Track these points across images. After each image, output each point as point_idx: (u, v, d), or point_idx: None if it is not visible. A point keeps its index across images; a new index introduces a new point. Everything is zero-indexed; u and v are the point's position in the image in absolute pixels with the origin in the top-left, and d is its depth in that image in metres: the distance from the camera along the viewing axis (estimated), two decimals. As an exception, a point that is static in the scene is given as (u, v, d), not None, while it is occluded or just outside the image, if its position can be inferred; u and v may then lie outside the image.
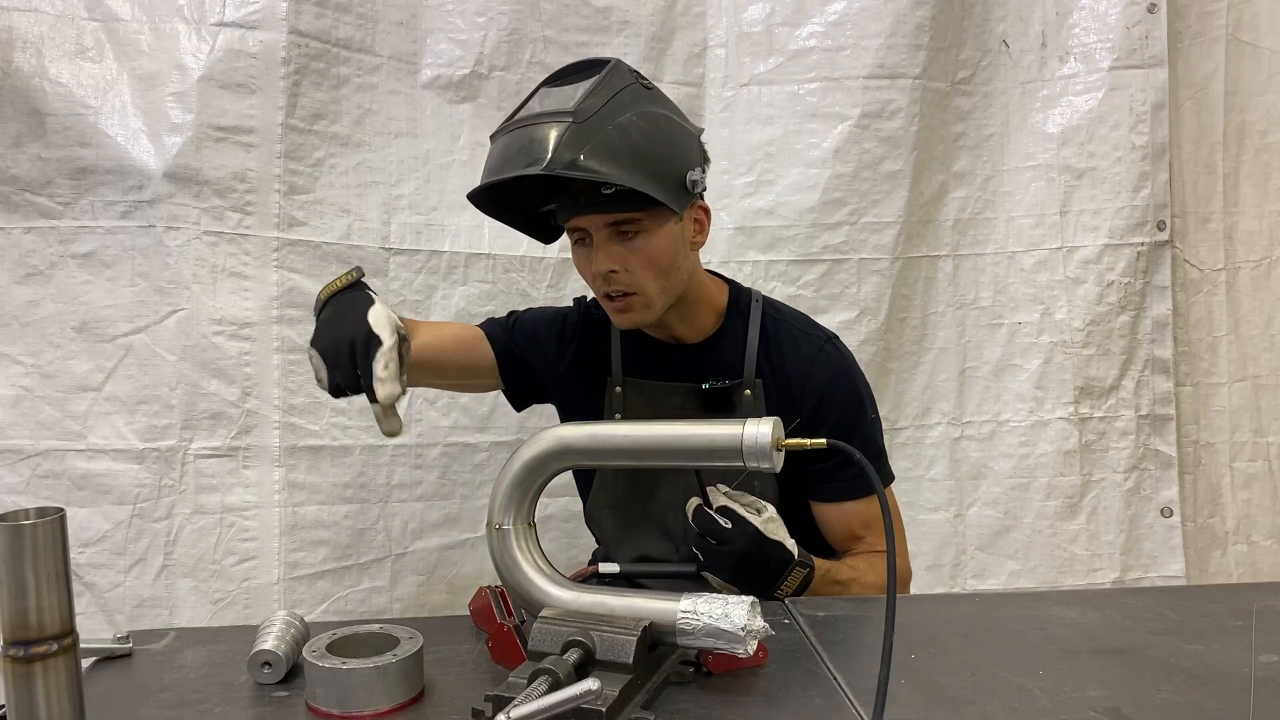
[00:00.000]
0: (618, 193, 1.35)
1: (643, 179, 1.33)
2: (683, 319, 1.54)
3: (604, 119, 1.32)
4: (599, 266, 1.41)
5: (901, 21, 2.13)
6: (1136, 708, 0.97)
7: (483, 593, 1.21)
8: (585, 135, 1.30)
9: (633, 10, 2.14)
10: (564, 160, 1.28)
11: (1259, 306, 2.28)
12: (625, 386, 1.58)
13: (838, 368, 1.54)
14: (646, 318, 1.46)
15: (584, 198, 1.39)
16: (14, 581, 0.78)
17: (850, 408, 1.53)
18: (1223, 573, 2.29)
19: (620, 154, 1.32)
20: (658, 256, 1.41)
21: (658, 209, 1.38)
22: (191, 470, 1.89)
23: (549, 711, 0.85)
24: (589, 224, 1.41)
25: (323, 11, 1.95)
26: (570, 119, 1.30)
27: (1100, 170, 2.19)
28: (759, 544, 1.28)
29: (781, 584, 1.31)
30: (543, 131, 1.31)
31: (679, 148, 1.41)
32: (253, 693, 1.06)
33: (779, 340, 1.54)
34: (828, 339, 1.56)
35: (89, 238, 1.86)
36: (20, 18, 1.81)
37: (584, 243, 1.44)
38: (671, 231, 1.43)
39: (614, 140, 1.32)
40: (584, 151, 1.29)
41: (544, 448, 1.11)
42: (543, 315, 1.69)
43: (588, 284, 1.51)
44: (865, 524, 1.51)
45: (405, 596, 2.08)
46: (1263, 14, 2.22)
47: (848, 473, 1.48)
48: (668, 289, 1.45)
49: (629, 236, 1.40)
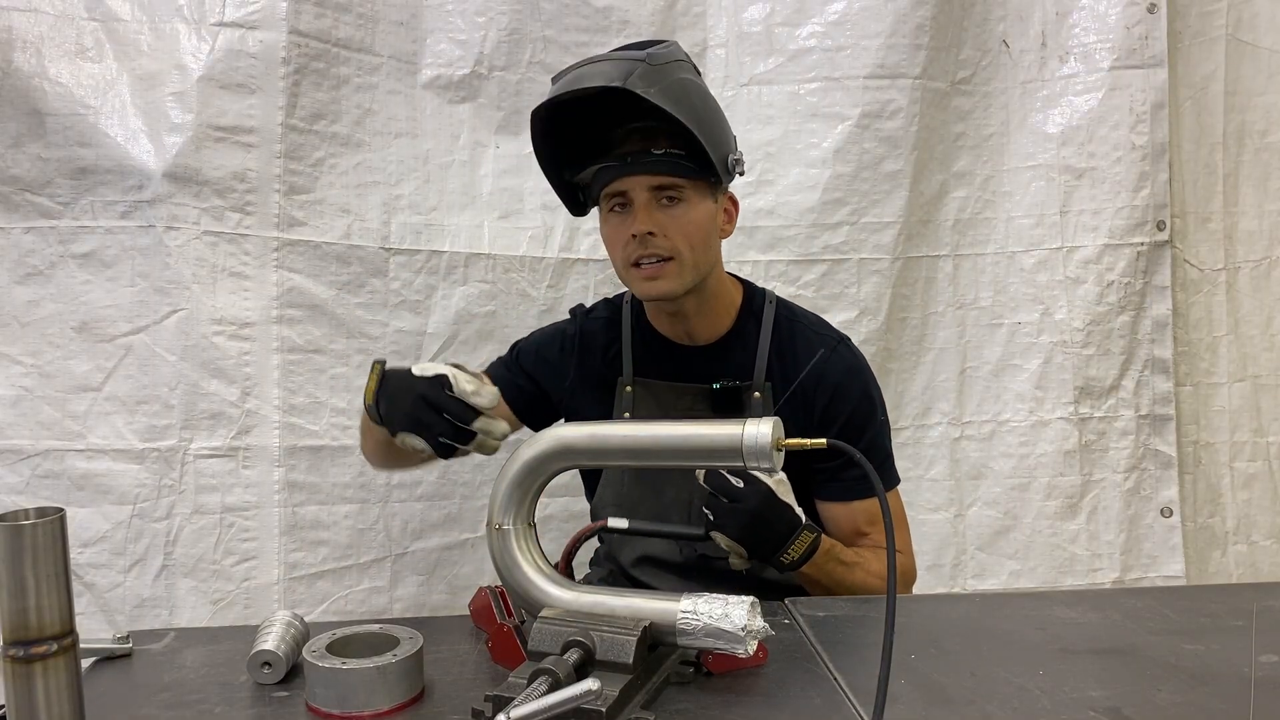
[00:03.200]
0: (667, 155, 1.39)
1: (703, 134, 1.37)
2: (700, 310, 1.54)
3: (670, 72, 1.37)
4: (640, 226, 1.42)
5: (901, 21, 2.13)
6: (1136, 708, 0.97)
7: (483, 593, 1.21)
8: (655, 75, 1.34)
9: (633, 10, 2.14)
10: (639, 87, 1.32)
11: (1259, 306, 2.28)
12: (635, 386, 1.59)
13: (849, 368, 1.54)
14: (675, 288, 1.46)
15: (632, 158, 1.42)
16: (14, 581, 0.78)
17: (861, 408, 1.53)
18: (1223, 573, 2.29)
19: (684, 105, 1.36)
20: (695, 228, 1.45)
21: (699, 181, 1.43)
22: (191, 470, 1.89)
23: (549, 711, 0.85)
24: (633, 185, 1.43)
25: (323, 11, 1.95)
26: (644, 58, 1.34)
27: (1100, 170, 2.19)
28: (770, 503, 1.28)
29: (788, 548, 1.30)
30: (615, 64, 1.35)
31: (725, 128, 1.47)
32: (253, 693, 1.06)
33: (792, 342, 1.55)
34: (840, 340, 1.57)
35: (89, 238, 1.86)
36: (20, 18, 1.82)
37: (621, 209, 1.46)
38: (709, 208, 1.47)
39: (679, 92, 1.36)
40: (655, 90, 1.33)
41: (544, 448, 1.11)
42: (543, 336, 1.70)
43: (614, 257, 1.51)
44: (871, 521, 1.51)
45: (405, 596, 2.08)
46: (1263, 14, 2.22)
47: (854, 472, 1.49)
48: (699, 264, 1.47)
49: (670, 204, 1.43)
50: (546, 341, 1.68)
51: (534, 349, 1.67)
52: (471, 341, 2.11)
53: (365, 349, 2.02)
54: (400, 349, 2.05)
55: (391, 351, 2.04)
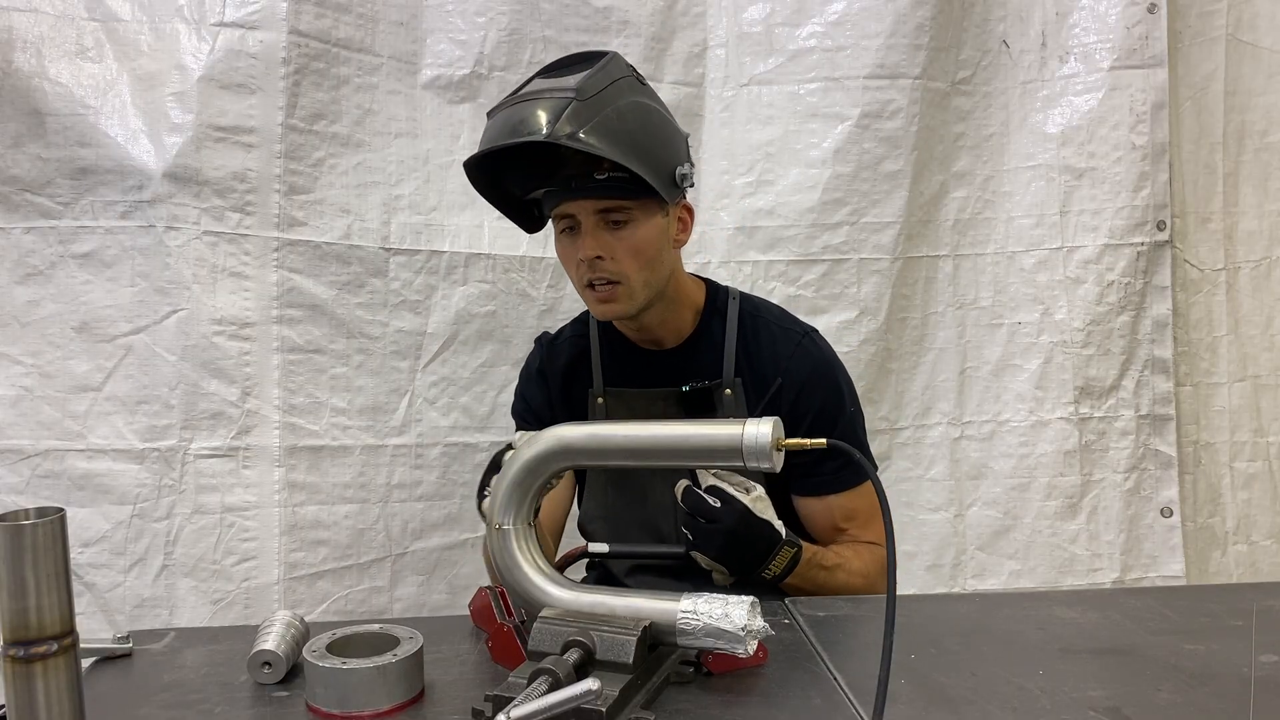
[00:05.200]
0: (610, 179, 1.37)
1: (638, 164, 1.35)
2: (662, 319, 1.54)
3: (604, 101, 1.34)
4: (585, 252, 1.42)
5: (901, 21, 2.13)
6: (1136, 708, 0.97)
7: (483, 593, 1.21)
8: (586, 113, 1.32)
9: (633, 10, 2.14)
10: (565, 132, 1.30)
11: (1259, 306, 2.28)
12: (606, 397, 1.60)
13: (816, 361, 1.54)
14: (628, 309, 1.47)
15: (576, 182, 1.40)
16: (14, 581, 0.78)
17: (830, 401, 1.53)
18: (1223, 573, 2.28)
19: (619, 136, 1.34)
20: (643, 247, 1.44)
21: (647, 200, 1.41)
22: (191, 470, 1.89)
23: (549, 711, 0.85)
24: (579, 209, 1.42)
25: (323, 11, 1.95)
26: (572, 95, 1.32)
27: (1100, 170, 2.19)
28: (748, 522, 1.28)
29: (769, 563, 1.30)
30: (544, 105, 1.32)
31: (671, 142, 1.44)
32: (253, 693, 1.06)
33: (757, 337, 1.55)
34: (805, 333, 1.57)
35: (89, 238, 1.85)
36: (20, 18, 1.81)
37: (571, 231, 1.46)
38: (658, 224, 1.46)
39: (613, 122, 1.34)
40: (584, 128, 1.31)
41: (544, 448, 1.11)
42: (522, 379, 1.74)
43: (569, 275, 1.52)
44: (848, 517, 1.51)
45: (405, 596, 2.08)
46: (1263, 14, 2.22)
47: (829, 466, 1.49)
48: (650, 282, 1.47)
49: (617, 225, 1.42)
50: (525, 381, 1.71)
51: (521, 395, 1.70)
52: (471, 342, 2.11)
53: (365, 349, 2.02)
54: (400, 349, 2.05)
55: (391, 351, 2.05)
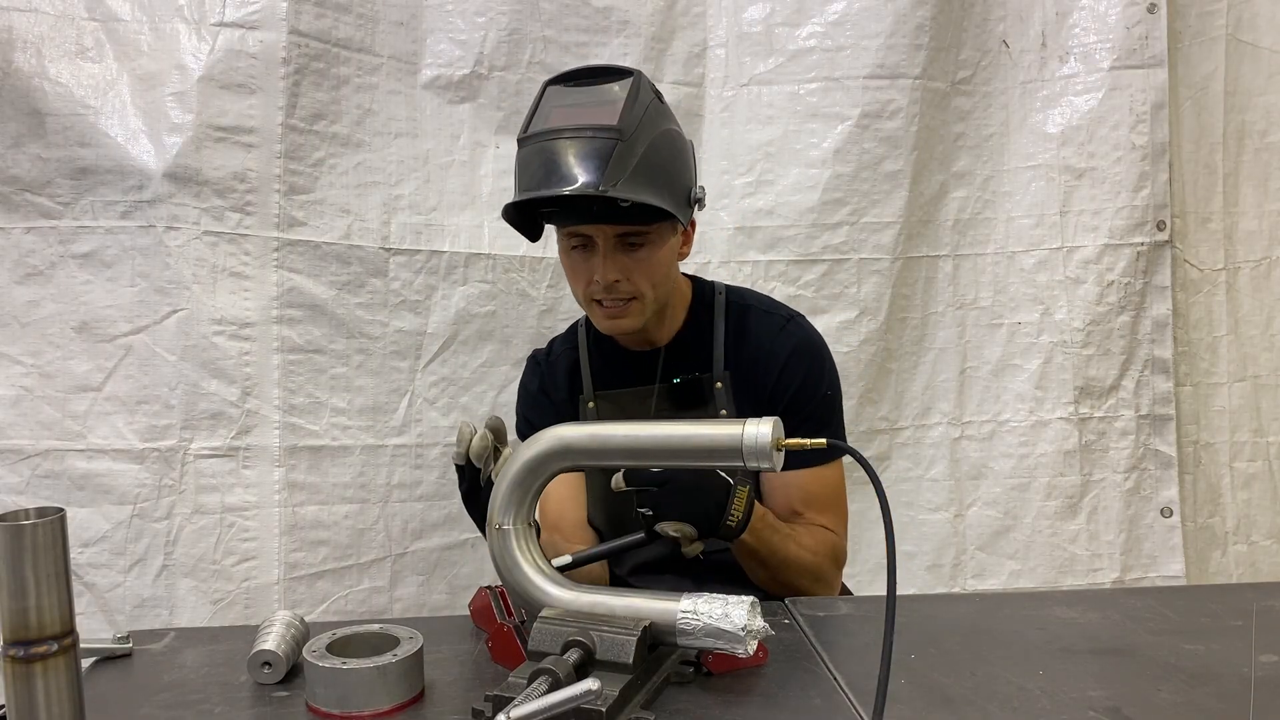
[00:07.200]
0: (633, 206, 1.37)
1: (668, 199, 1.38)
2: (658, 321, 1.56)
3: (640, 138, 1.36)
4: (607, 275, 1.43)
5: (901, 21, 2.13)
6: (1136, 708, 0.97)
7: (483, 593, 1.21)
8: (628, 155, 1.34)
9: (633, 10, 2.14)
10: (615, 180, 1.32)
11: (1259, 306, 2.28)
12: (597, 401, 1.61)
13: (798, 341, 1.55)
14: (638, 323, 1.50)
15: (598, 206, 1.40)
16: (14, 581, 0.78)
17: (810, 380, 1.53)
18: (1223, 573, 2.28)
19: (654, 176, 1.37)
20: (658, 267, 1.47)
21: (665, 223, 1.44)
22: (191, 470, 1.89)
23: (549, 711, 0.85)
24: (597, 232, 1.43)
25: (323, 11, 1.95)
26: (615, 137, 1.33)
27: (1100, 170, 2.19)
28: (696, 472, 1.27)
29: (731, 508, 1.28)
30: (588, 148, 1.33)
31: (687, 165, 1.48)
32: (253, 693, 1.06)
33: (743, 326, 1.57)
34: (790, 317, 1.58)
35: (89, 238, 1.86)
36: (20, 18, 1.81)
37: (583, 249, 1.46)
38: (672, 244, 1.50)
39: (650, 162, 1.37)
40: (628, 174, 1.33)
41: (544, 448, 1.11)
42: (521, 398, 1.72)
43: (573, 287, 1.52)
44: (805, 500, 1.51)
45: (405, 596, 2.08)
46: (1263, 14, 2.22)
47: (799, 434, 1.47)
48: (660, 298, 1.51)
49: (634, 247, 1.44)
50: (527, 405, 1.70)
51: (525, 418, 1.70)
52: (471, 341, 2.11)
53: (365, 349, 2.02)
54: (400, 349, 2.06)
55: (391, 351, 2.05)
